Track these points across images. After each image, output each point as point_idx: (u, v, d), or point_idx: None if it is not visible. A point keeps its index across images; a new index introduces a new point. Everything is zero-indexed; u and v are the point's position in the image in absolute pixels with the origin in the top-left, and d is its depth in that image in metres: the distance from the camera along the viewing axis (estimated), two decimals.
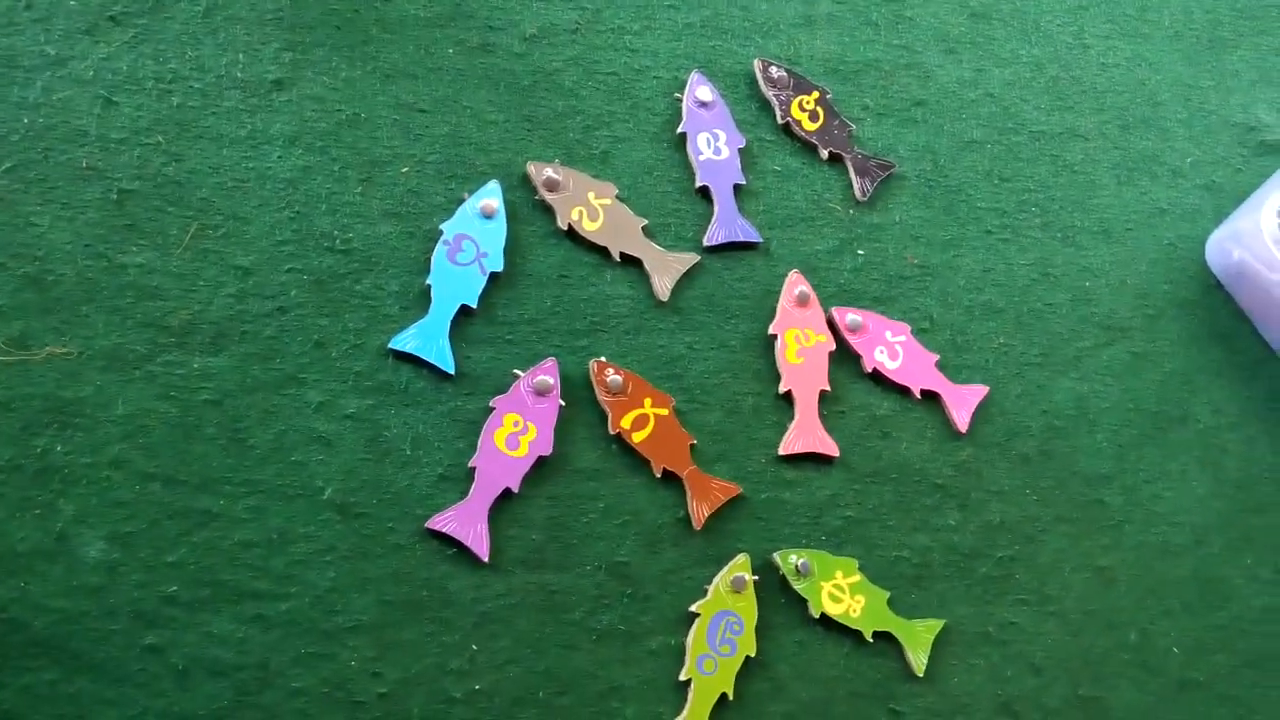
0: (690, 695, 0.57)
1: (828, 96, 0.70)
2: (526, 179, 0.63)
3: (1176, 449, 0.70)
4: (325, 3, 0.62)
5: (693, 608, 0.58)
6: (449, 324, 0.59)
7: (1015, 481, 0.66)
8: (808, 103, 0.69)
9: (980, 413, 0.67)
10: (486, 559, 0.56)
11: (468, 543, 0.56)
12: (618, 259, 0.63)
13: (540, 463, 0.58)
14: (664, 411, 0.61)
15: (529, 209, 0.63)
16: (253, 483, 0.54)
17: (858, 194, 0.69)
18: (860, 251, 0.68)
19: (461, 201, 0.61)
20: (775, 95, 0.69)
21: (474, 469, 0.57)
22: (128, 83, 0.58)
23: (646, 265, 0.64)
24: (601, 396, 0.60)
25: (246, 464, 0.54)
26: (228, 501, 0.54)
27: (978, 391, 0.67)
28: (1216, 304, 0.74)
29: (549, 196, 0.63)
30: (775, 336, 0.64)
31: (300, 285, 0.58)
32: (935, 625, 0.62)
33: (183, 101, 0.59)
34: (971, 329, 0.69)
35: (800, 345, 0.65)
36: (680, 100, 0.67)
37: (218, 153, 0.59)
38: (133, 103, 0.58)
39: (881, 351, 0.66)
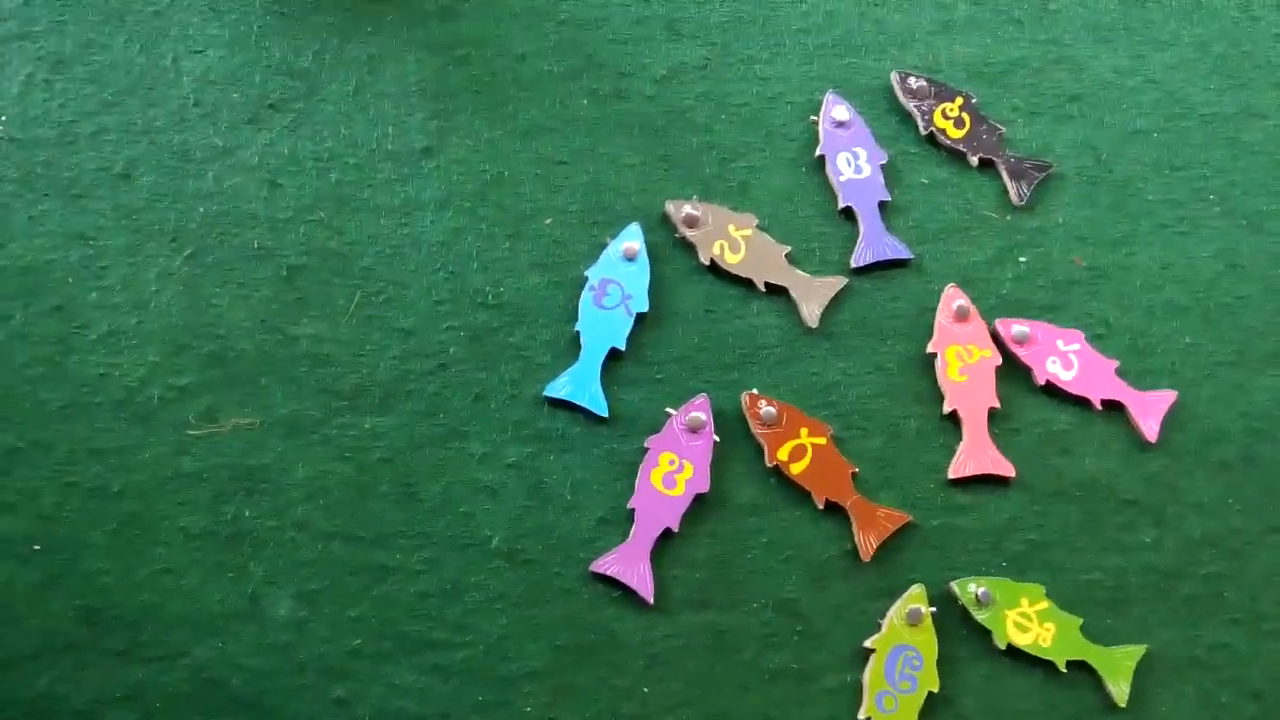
0: None
1: (972, 101, 0.66)
2: (666, 218, 0.62)
3: None
4: (466, 69, 0.63)
5: (867, 643, 0.55)
6: (600, 368, 0.58)
7: (1216, 492, 0.60)
8: (951, 110, 0.65)
9: (1170, 420, 0.60)
10: (651, 600, 0.55)
11: (632, 584, 0.55)
12: (763, 289, 0.61)
13: (699, 500, 0.56)
14: (822, 441, 0.58)
15: (671, 248, 0.62)
16: (425, 535, 0.55)
17: (1014, 198, 0.64)
18: (1022, 259, 0.63)
19: (604, 247, 0.60)
20: (916, 106, 0.65)
21: (633, 510, 0.56)
22: (289, 165, 0.61)
23: (793, 293, 0.61)
24: (756, 429, 0.58)
25: (418, 517, 0.55)
26: (403, 555, 0.54)
27: (1165, 397, 0.61)
28: None
29: (689, 233, 0.61)
30: (935, 355, 0.60)
31: (458, 342, 0.58)
32: (1136, 651, 0.56)
33: (340, 178, 0.60)
34: (1153, 331, 0.63)
35: (963, 362, 0.60)
36: (816, 123, 0.64)
37: (375, 223, 0.60)
38: (295, 183, 0.60)
39: (1054, 362, 0.61)
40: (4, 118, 0.60)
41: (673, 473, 0.56)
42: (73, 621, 0.52)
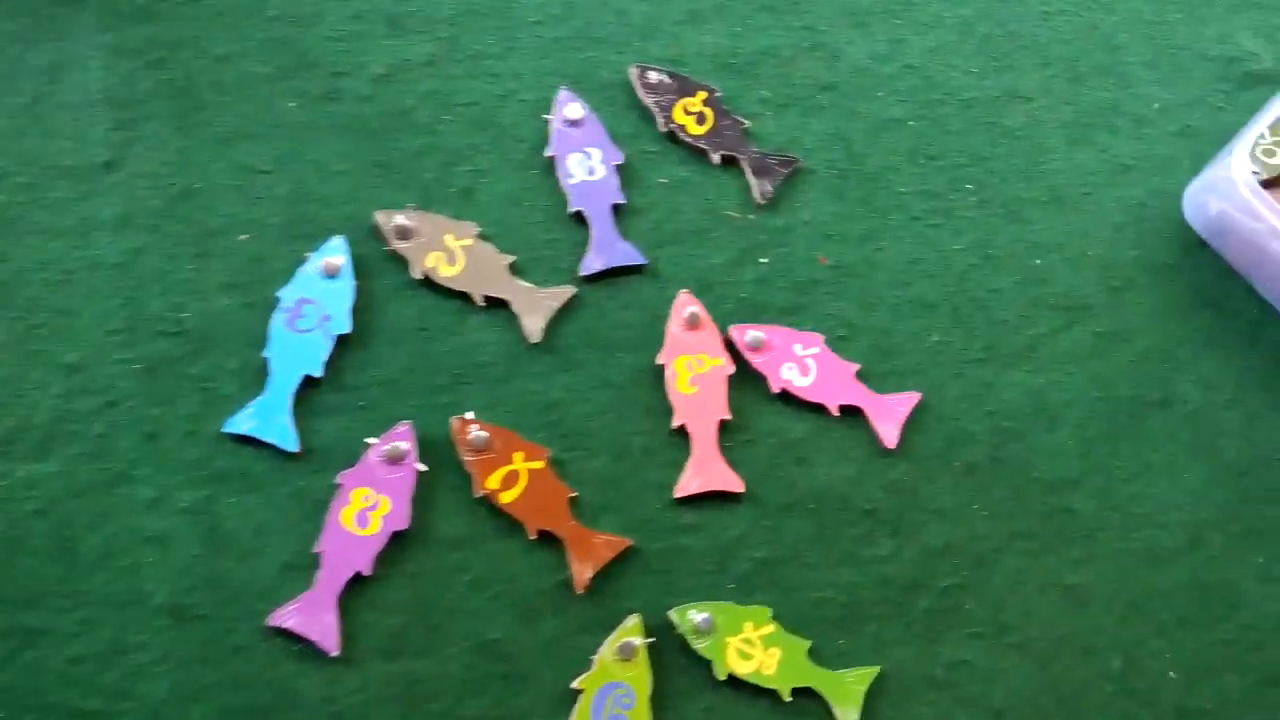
0: None
1: (716, 95, 0.61)
2: (376, 230, 0.57)
3: (1159, 438, 0.58)
4: (157, 74, 0.57)
5: (575, 683, 0.50)
6: (291, 398, 0.53)
7: (960, 497, 0.56)
8: (693, 105, 0.60)
9: (914, 423, 0.57)
10: (336, 652, 0.50)
11: (313, 637, 0.50)
12: (481, 303, 0.56)
13: (398, 538, 0.51)
14: (538, 465, 0.54)
15: (382, 262, 0.57)
16: (81, 594, 0.49)
17: (757, 196, 0.60)
18: (763, 259, 0.59)
19: (303, 263, 0.55)
20: (655, 101, 0.60)
21: (320, 554, 0.51)
22: None
23: (514, 306, 0.56)
24: (465, 456, 0.53)
25: (74, 574, 0.49)
26: (55, 616, 0.49)
27: (907, 399, 0.57)
28: (1200, 264, 0.61)
29: (401, 246, 0.56)
30: (664, 366, 0.56)
31: (130, 376, 0.52)
32: (868, 674, 0.53)
33: (8, 199, 0.55)
34: (899, 330, 0.59)
35: (693, 373, 0.56)
36: (550, 122, 0.59)
37: (45, 247, 0.54)
38: None
39: (790, 368, 0.57)
40: None
41: (367, 510, 0.51)
42: None
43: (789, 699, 0.51)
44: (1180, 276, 0.61)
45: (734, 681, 0.51)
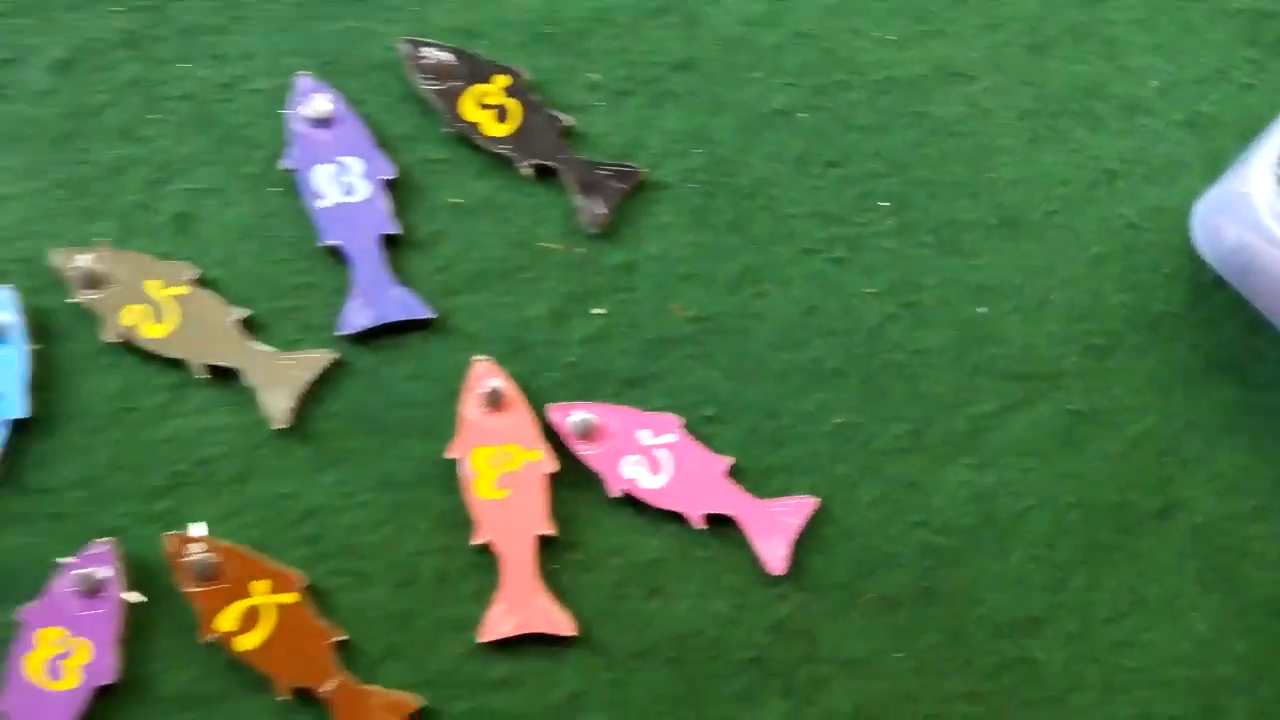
0: None
1: (523, 79, 0.81)
2: (56, 274, 0.76)
3: (1157, 563, 0.73)
4: None
5: None
6: None
7: (876, 642, 0.73)
8: (490, 95, 0.80)
9: (809, 539, 0.74)
10: None
11: None
12: (204, 374, 0.77)
13: (104, 694, 0.69)
14: (290, 598, 0.75)
15: (67, 318, 0.77)
16: None
17: (587, 222, 0.81)
18: (598, 310, 0.80)
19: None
20: (437, 91, 0.82)
21: (2, 715, 0.71)
22: None
23: (248, 379, 0.78)
24: (185, 587, 0.75)
25: None
26: None
27: (801, 507, 0.75)
28: (1216, 314, 0.79)
29: (89, 296, 0.77)
30: (458, 462, 0.75)
31: None
32: None
33: None
34: (788, 408, 0.78)
35: (499, 470, 0.74)
36: (289, 120, 0.80)
37: None
38: None
39: (635, 463, 0.77)
40: None
41: (59, 657, 0.70)
42: None
43: None
44: (1187, 332, 0.77)
45: None
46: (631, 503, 0.73)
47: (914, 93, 0.79)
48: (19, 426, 0.70)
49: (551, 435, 0.73)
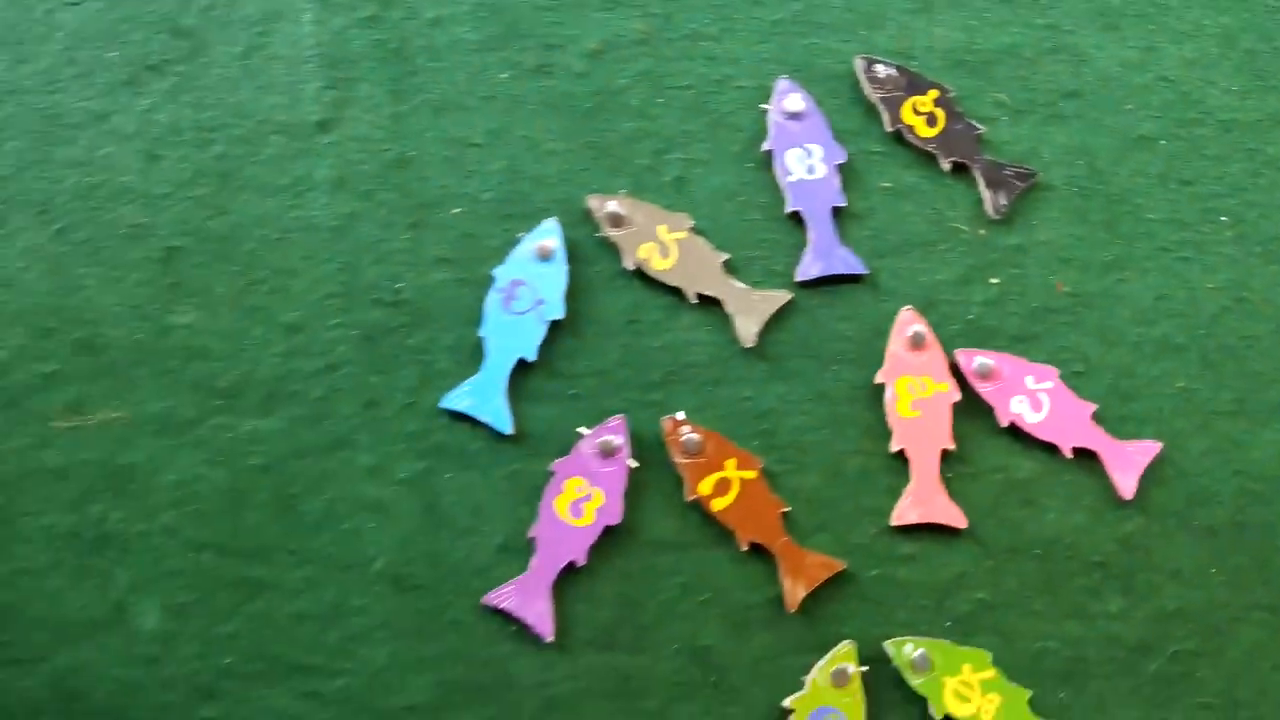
0: None
1: (949, 95, 0.90)
2: (589, 215, 0.86)
3: None
4: (370, 33, 0.89)
5: (786, 702, 0.76)
6: (506, 379, 0.82)
7: (1197, 560, 0.80)
8: (923, 104, 0.90)
9: (1151, 475, 0.81)
10: (551, 638, 0.79)
11: (529, 621, 0.79)
12: (694, 300, 0.85)
13: (609, 532, 0.80)
14: (751, 475, 0.82)
15: (593, 248, 0.87)
16: (305, 551, 0.79)
17: (990, 210, 0.88)
18: (994, 280, 0.87)
19: (516, 243, 0.85)
20: (882, 98, 0.90)
21: (534, 539, 0.80)
22: (169, 134, 0.86)
23: (727, 307, 0.86)
24: (676, 458, 0.82)
25: (298, 532, 0.79)
26: (280, 571, 0.79)
27: (1147, 448, 0.82)
28: None
29: (613, 233, 0.86)
30: (884, 386, 0.84)
31: (349, 341, 0.83)
32: None
33: (225, 151, 0.86)
34: (1141, 371, 0.85)
35: (915, 396, 0.84)
36: (767, 113, 0.89)
37: (261, 203, 0.85)
38: (175, 155, 0.85)
39: (1021, 401, 0.84)
40: None
41: (580, 500, 0.80)
42: None
43: None
44: None
45: None
46: (1014, 432, 0.81)
47: (1251, 133, 0.89)
48: (555, 325, 0.81)
49: (956, 373, 0.82)
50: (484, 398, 0.82)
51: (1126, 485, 0.82)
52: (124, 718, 0.75)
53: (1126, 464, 0.82)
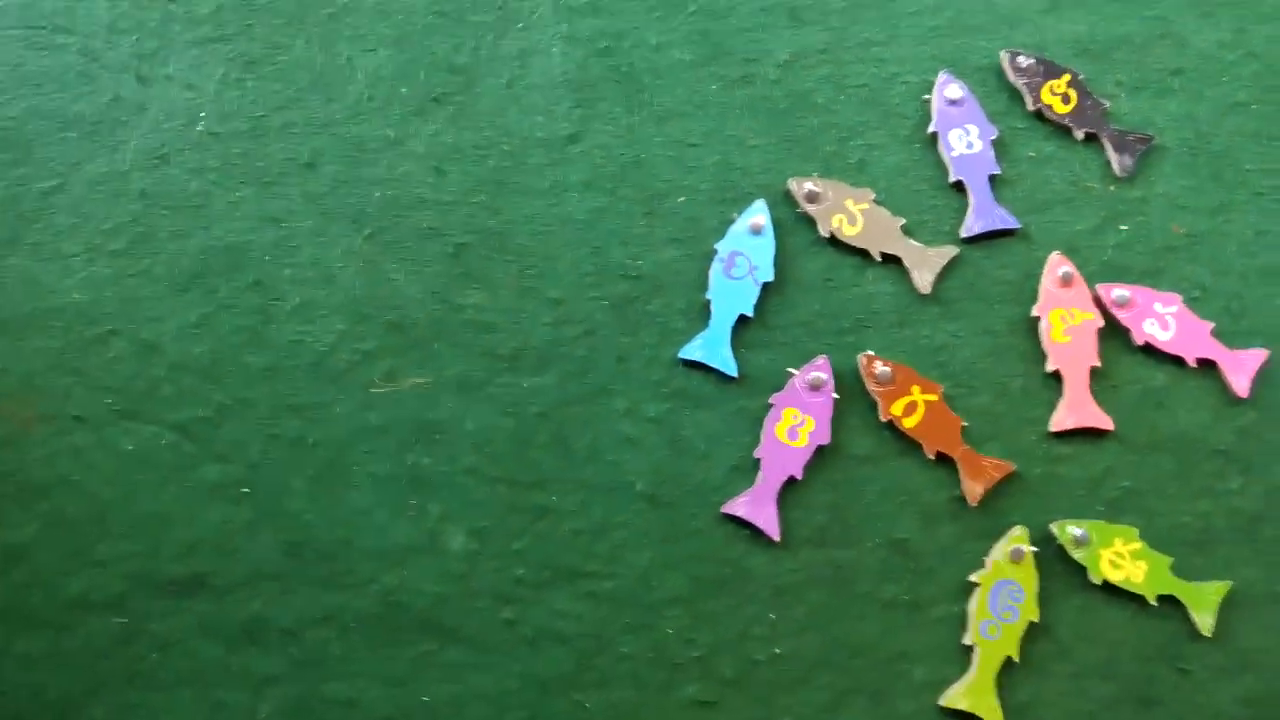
0: (975, 658, 0.76)
1: (1079, 78, 0.88)
2: (789, 195, 0.86)
3: None
4: (606, 60, 0.88)
5: (972, 577, 0.77)
6: (729, 333, 0.82)
7: None
8: (1058, 86, 0.88)
9: (1261, 377, 0.83)
10: (777, 538, 0.78)
11: (759, 524, 0.78)
12: (879, 259, 0.84)
13: (819, 451, 0.80)
14: (933, 397, 0.81)
15: (794, 222, 0.86)
16: (577, 480, 0.80)
17: (1117, 170, 0.87)
18: (1123, 227, 0.85)
19: (732, 222, 0.84)
20: (1024, 83, 0.87)
21: (759, 459, 0.79)
22: (453, 153, 0.87)
23: (906, 262, 0.84)
24: (871, 387, 0.81)
25: (571, 465, 0.80)
26: (559, 497, 0.79)
27: (1257, 355, 0.83)
28: None
29: (810, 208, 0.84)
30: (1039, 318, 0.83)
31: (602, 310, 0.83)
32: (1221, 587, 0.78)
33: (497, 164, 0.86)
34: (1247, 294, 0.85)
35: (1066, 324, 0.82)
36: (930, 102, 0.88)
37: (528, 204, 0.86)
38: (458, 169, 0.87)
39: (1152, 324, 0.84)
40: (204, 114, 0.87)
41: (796, 426, 0.80)
42: (279, 554, 0.78)
43: (1154, 603, 0.78)
44: None
45: (1106, 586, 0.78)
46: (1147, 350, 0.84)
47: None
48: (766, 288, 0.84)
49: (1098, 304, 0.86)
50: (713, 348, 0.85)
51: (1241, 386, 0.84)
52: (441, 623, 0.79)
53: (1240, 368, 0.84)
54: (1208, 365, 0.87)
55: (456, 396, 0.85)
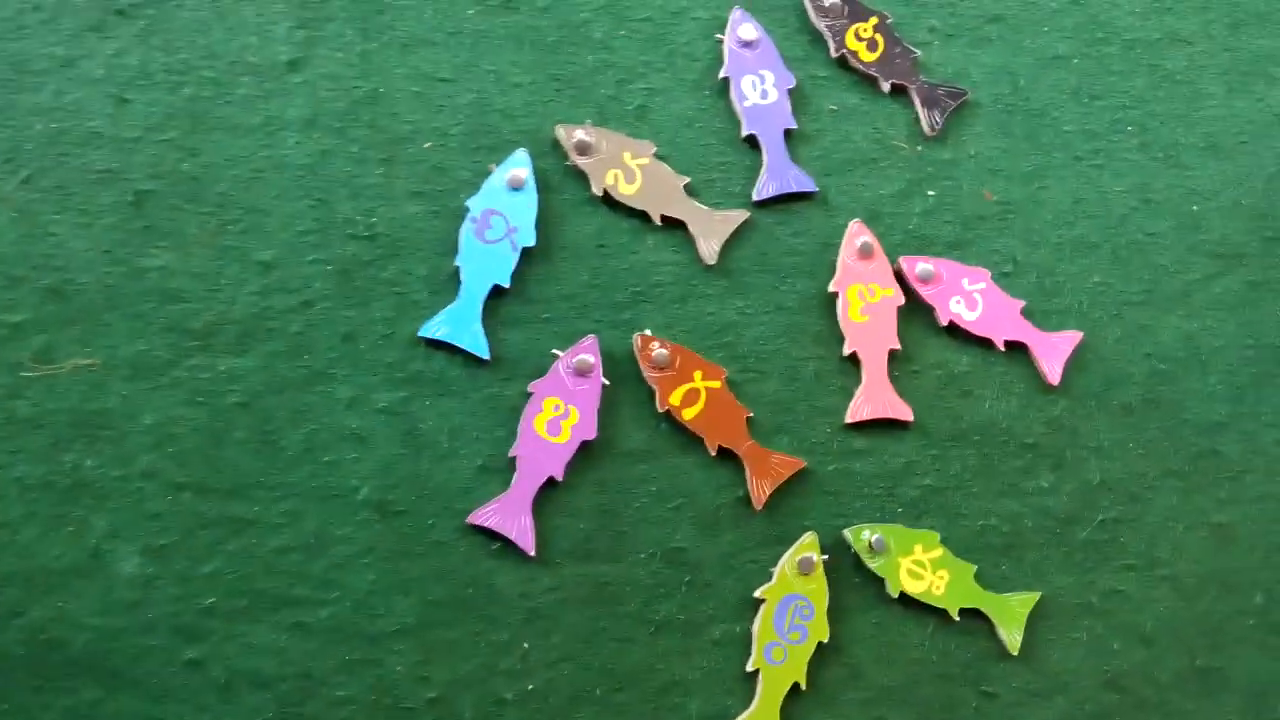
0: (759, 686, 0.66)
1: (887, 21, 0.76)
2: (556, 145, 0.71)
3: None
4: None
5: (757, 593, 0.67)
6: (481, 306, 0.68)
7: (1116, 435, 0.73)
8: (865, 30, 0.76)
9: (1074, 361, 0.74)
10: (533, 552, 0.65)
11: (512, 536, 0.65)
12: (659, 222, 0.71)
13: (585, 447, 0.67)
14: (716, 384, 0.69)
15: (561, 176, 0.71)
16: (286, 486, 0.65)
17: (926, 128, 0.76)
18: (931, 192, 0.74)
19: (488, 175, 0.69)
20: (828, 25, 0.74)
21: (515, 458, 0.66)
22: (138, 78, 0.68)
23: (690, 227, 0.71)
24: (647, 372, 0.68)
25: (278, 467, 0.65)
26: (262, 507, 0.64)
27: (1070, 338, 0.74)
28: None
29: (581, 161, 0.70)
30: (836, 294, 0.72)
31: (324, 276, 0.67)
32: (1030, 598, 0.70)
33: (195, 93, 0.68)
34: (1061, 269, 0.75)
35: (865, 302, 0.71)
36: (722, 43, 0.75)
37: (233, 143, 0.68)
38: (144, 98, 0.68)
39: (958, 302, 0.73)
40: None
41: (558, 418, 0.67)
42: None
43: (957, 618, 0.68)
44: None
45: (904, 599, 0.68)
46: (952, 330, 0.74)
47: (1151, 50, 0.82)
48: (526, 253, 0.70)
49: (899, 278, 0.74)
50: (460, 325, 0.69)
51: (1053, 372, 0.75)
52: (105, 665, 0.62)
53: (1052, 353, 0.76)
54: (1017, 348, 0.78)
55: (132, 382, 0.68)
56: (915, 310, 0.76)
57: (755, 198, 0.76)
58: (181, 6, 0.72)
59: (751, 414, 0.72)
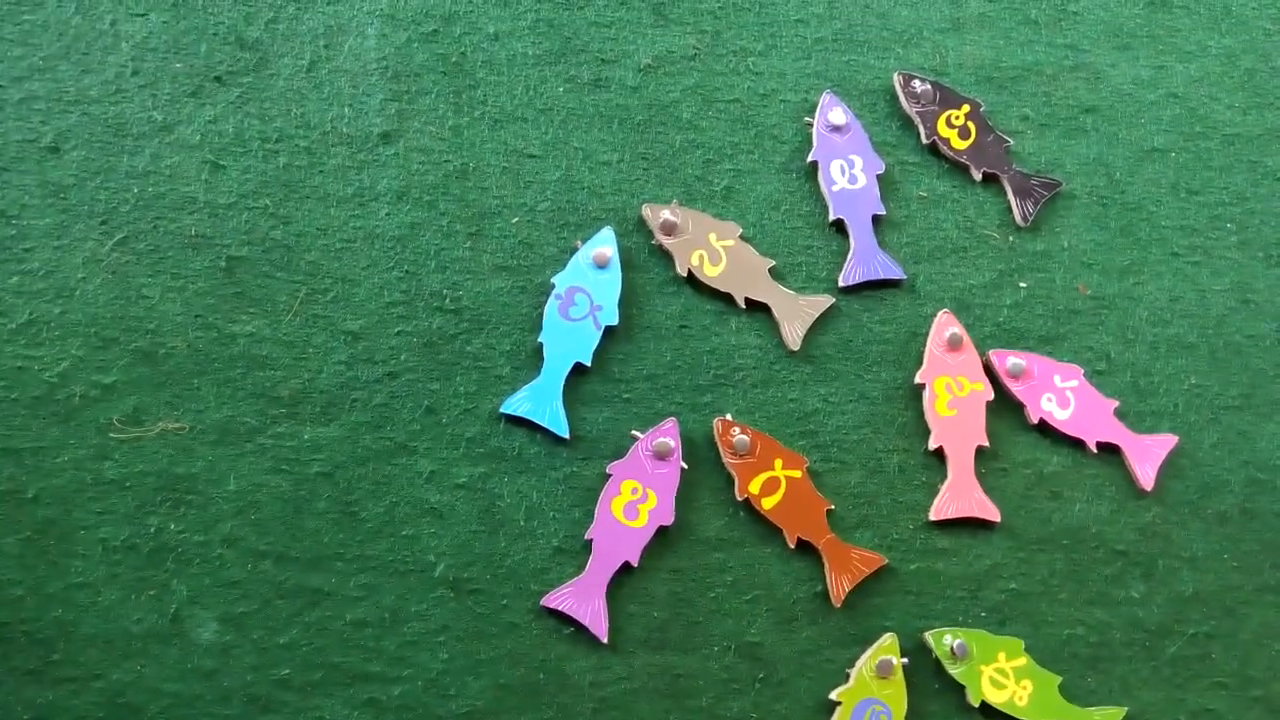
0: None
1: (980, 109, 0.72)
2: (642, 223, 0.67)
3: None
4: (432, 47, 0.68)
5: (833, 695, 0.61)
6: (562, 384, 0.64)
7: (1211, 546, 0.67)
8: (956, 118, 0.72)
9: (1168, 467, 0.68)
10: (605, 639, 0.61)
11: (585, 621, 0.61)
12: (743, 305, 0.67)
13: (661, 532, 0.62)
14: (796, 474, 0.64)
15: (646, 255, 0.67)
16: (364, 558, 0.61)
17: (1018, 218, 0.71)
18: (1022, 284, 0.70)
19: (573, 251, 0.66)
20: (918, 112, 0.71)
21: (590, 541, 0.62)
22: (234, 145, 0.65)
23: (774, 311, 0.67)
24: (727, 458, 0.63)
25: (358, 539, 0.61)
26: (339, 579, 0.60)
27: (1165, 442, 0.68)
28: None
29: (666, 241, 0.67)
30: (923, 386, 0.67)
31: (410, 348, 0.64)
32: (1115, 714, 0.64)
33: (289, 161, 0.65)
34: (1157, 369, 0.69)
35: (953, 395, 0.67)
36: (810, 125, 0.70)
37: (325, 213, 0.65)
38: (239, 165, 0.65)
39: (1049, 399, 0.68)
40: None
41: (635, 502, 0.62)
42: None
43: None
44: None
45: (986, 709, 0.62)
46: (1043, 428, 0.67)
47: (1252, 146, 0.74)
48: (609, 332, 0.65)
49: (989, 372, 0.67)
50: (541, 402, 0.64)
51: (1146, 477, 0.68)
52: None
53: (1146, 457, 0.68)
54: (1110, 450, 0.69)
55: (217, 447, 0.62)
56: (1004, 406, 0.68)
57: (842, 283, 0.69)
58: (277, 76, 0.68)
59: (832, 506, 0.65)
